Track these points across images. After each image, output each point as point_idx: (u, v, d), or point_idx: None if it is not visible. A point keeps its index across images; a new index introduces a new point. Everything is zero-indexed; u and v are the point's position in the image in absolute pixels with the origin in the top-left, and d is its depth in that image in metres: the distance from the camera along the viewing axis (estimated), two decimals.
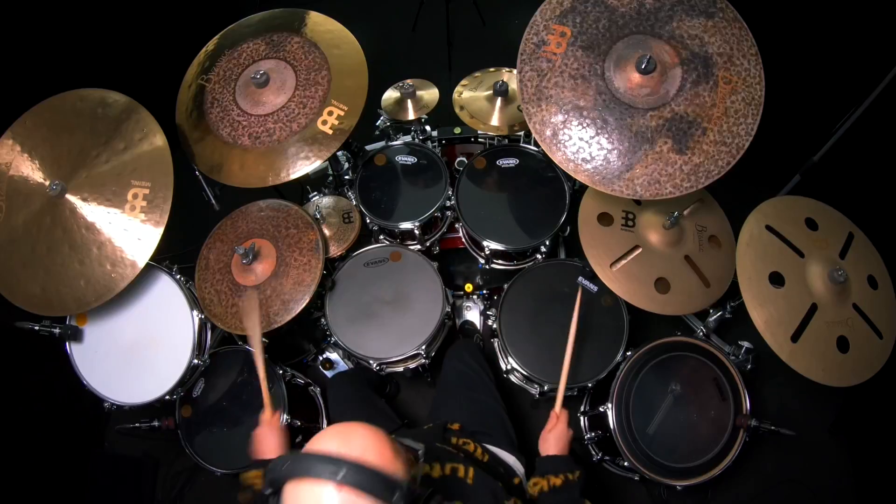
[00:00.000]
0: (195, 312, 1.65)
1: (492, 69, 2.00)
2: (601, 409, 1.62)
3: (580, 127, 1.35)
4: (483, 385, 1.61)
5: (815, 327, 1.38)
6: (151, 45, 2.58)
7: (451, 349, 1.76)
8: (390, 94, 1.97)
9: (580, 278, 1.76)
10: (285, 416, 1.65)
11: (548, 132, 1.36)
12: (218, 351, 1.76)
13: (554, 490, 1.18)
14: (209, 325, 1.69)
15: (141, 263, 1.49)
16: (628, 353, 1.64)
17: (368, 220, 1.90)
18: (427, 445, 0.97)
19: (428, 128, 2.04)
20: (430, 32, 3.09)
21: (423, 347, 1.72)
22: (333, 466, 0.70)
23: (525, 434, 1.56)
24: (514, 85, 1.86)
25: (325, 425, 1.88)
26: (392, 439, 0.80)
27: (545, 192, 1.87)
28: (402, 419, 1.67)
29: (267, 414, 1.33)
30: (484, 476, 1.08)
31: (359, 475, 0.70)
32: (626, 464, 1.56)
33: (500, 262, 1.92)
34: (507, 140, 1.99)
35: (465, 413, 1.48)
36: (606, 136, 1.34)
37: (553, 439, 1.30)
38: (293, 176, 1.56)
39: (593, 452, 1.80)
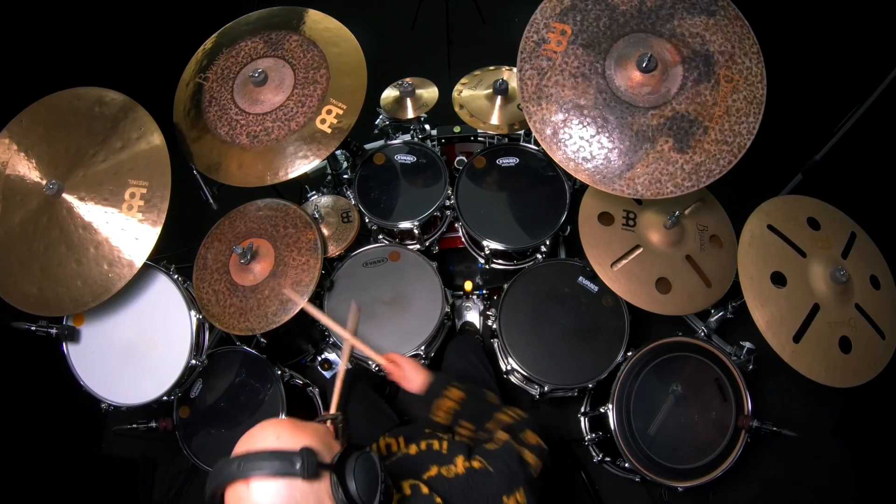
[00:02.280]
0: (193, 313, 1.64)
1: (491, 67, 1.99)
2: (602, 410, 1.61)
3: (581, 126, 1.34)
4: (483, 382, 1.60)
5: (818, 327, 1.37)
6: (149, 44, 2.57)
7: (452, 344, 1.76)
8: (389, 93, 1.96)
9: (580, 278, 1.75)
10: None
11: (548, 131, 1.35)
12: (216, 352, 1.75)
13: (464, 400, 1.21)
14: (207, 326, 1.68)
15: (138, 263, 1.48)
16: (629, 354, 1.63)
17: (367, 220, 1.89)
18: (408, 433, 1.12)
19: (427, 126, 2.03)
20: (429, 30, 3.08)
21: (423, 348, 1.71)
22: (236, 465, 0.77)
23: None
24: (513, 83, 1.85)
25: None
26: (293, 420, 0.86)
27: (545, 191, 1.87)
28: (402, 419, 1.66)
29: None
30: (457, 443, 1.09)
31: (255, 462, 0.77)
32: (626, 465, 1.55)
33: (499, 261, 1.91)
34: (506, 139, 1.98)
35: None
36: (607, 134, 1.33)
37: (413, 375, 1.28)
38: (291, 175, 1.55)
39: (594, 454, 1.79)
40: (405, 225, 1.84)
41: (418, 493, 0.93)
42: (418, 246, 1.93)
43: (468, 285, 2.14)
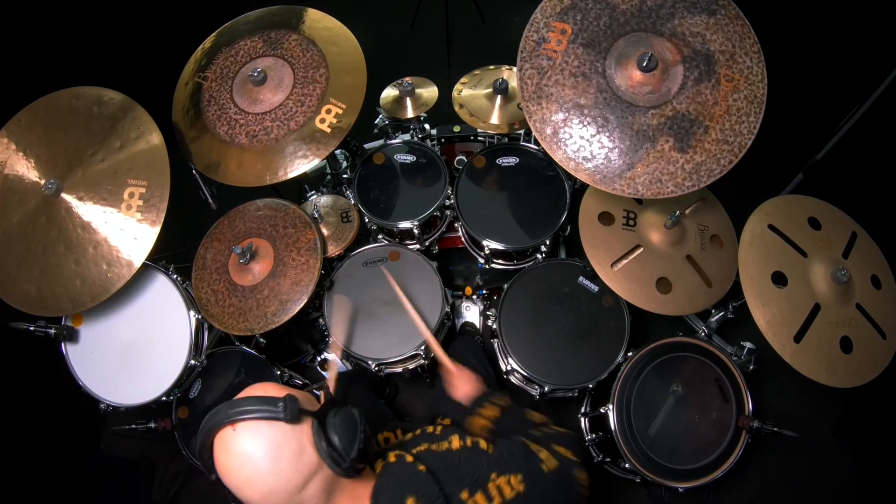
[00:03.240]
0: (192, 313, 1.64)
1: (491, 67, 1.99)
2: (602, 411, 1.60)
3: (581, 125, 1.33)
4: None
5: (818, 327, 1.36)
6: (148, 43, 2.57)
7: (453, 346, 1.75)
8: (389, 92, 1.96)
9: (581, 278, 1.75)
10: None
11: (548, 130, 1.35)
12: (215, 352, 1.75)
13: (499, 419, 1.20)
14: (206, 326, 1.68)
15: (137, 263, 1.47)
16: (629, 354, 1.62)
17: (367, 220, 1.88)
18: (405, 426, 1.14)
19: (427, 126, 2.03)
20: (429, 30, 3.07)
21: (423, 348, 1.70)
22: (223, 411, 0.80)
23: None
24: (513, 83, 1.84)
25: None
26: (281, 384, 0.89)
27: (545, 190, 1.86)
28: (402, 419, 1.66)
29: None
30: (450, 427, 1.08)
31: (239, 406, 0.80)
32: (627, 465, 1.54)
33: (499, 261, 1.91)
34: (506, 138, 1.98)
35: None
36: (607, 134, 1.33)
37: (461, 384, 1.31)
38: (291, 175, 1.55)
39: (594, 454, 1.79)
40: (405, 225, 1.84)
41: (402, 460, 0.94)
42: (418, 246, 1.92)
43: (468, 290, 2.13)
